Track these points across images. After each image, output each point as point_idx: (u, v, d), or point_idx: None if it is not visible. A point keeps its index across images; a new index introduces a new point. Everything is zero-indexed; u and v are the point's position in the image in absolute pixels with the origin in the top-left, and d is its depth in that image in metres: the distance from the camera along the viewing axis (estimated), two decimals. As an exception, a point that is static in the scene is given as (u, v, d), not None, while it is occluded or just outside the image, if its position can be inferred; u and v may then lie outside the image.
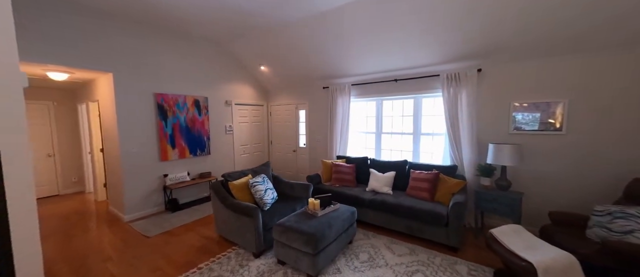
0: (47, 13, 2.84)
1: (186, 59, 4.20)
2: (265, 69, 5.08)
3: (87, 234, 3.24)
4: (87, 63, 3.18)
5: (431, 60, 3.46)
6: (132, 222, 3.55)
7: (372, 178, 3.59)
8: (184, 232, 3.22)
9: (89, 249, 2.86)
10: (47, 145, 4.87)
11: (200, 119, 4.46)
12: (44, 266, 2.43)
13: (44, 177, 4.83)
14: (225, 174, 3.03)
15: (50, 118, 4.88)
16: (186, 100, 4.23)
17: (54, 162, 4.96)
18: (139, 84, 3.65)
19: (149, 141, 3.80)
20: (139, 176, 3.71)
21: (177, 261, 2.58)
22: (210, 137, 4.65)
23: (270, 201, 2.96)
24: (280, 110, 5.73)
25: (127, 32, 3.47)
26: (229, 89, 4.97)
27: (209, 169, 4.65)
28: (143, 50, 3.66)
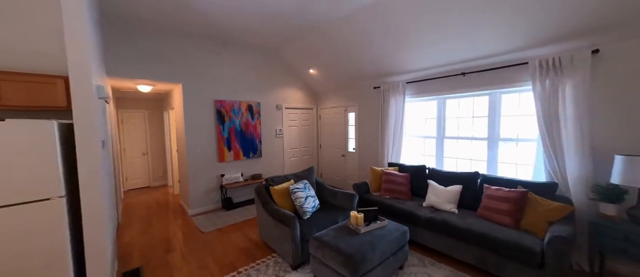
0: (136, 37, 3.42)
1: (241, 67, 4.49)
2: (314, 71, 5.01)
3: (161, 223, 3.74)
4: (163, 76, 3.70)
5: (514, 44, 2.69)
6: (194, 216, 3.94)
7: (430, 191, 3.02)
8: (232, 232, 3.36)
9: (158, 237, 3.26)
10: (143, 145, 5.99)
11: (253, 123, 4.70)
12: (124, 249, 2.83)
13: (139, 171, 5.96)
14: (268, 178, 3.02)
15: (145, 123, 6.00)
16: (241, 105, 4.51)
17: (147, 159, 6.06)
18: (202, 92, 4.06)
19: (209, 143, 4.18)
20: (201, 174, 4.12)
21: (222, 261, 2.66)
22: (261, 141, 4.85)
23: (310, 209, 2.78)
24: (330, 113, 5.58)
25: (193, 47, 3.91)
26: (279, 94, 5.11)
27: (260, 171, 4.85)
28: (206, 62, 4.06)
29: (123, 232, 3.47)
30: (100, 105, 2.20)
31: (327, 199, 3.26)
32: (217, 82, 4.21)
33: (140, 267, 2.56)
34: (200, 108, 4.06)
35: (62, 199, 1.65)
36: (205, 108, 4.11)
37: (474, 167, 3.41)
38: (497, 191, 2.55)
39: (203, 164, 4.13)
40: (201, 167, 4.12)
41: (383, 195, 3.40)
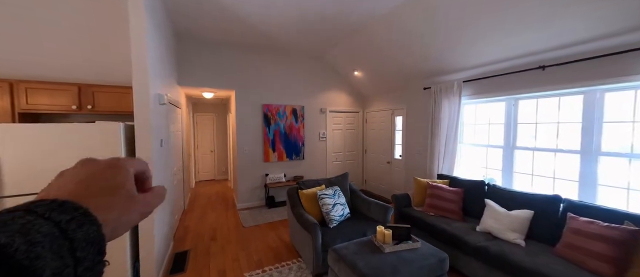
0: (200, 52, 4.01)
1: (287, 73, 4.71)
2: (360, 73, 4.83)
3: (214, 213, 4.25)
4: (220, 84, 4.21)
5: (621, 24, 1.92)
6: (240, 210, 4.33)
7: (488, 214, 2.45)
8: (269, 230, 3.53)
9: (208, 226, 3.71)
10: (211, 144, 7.00)
11: (297, 126, 4.85)
12: (182, 232, 3.30)
13: (208, 166, 6.97)
14: (300, 181, 3.04)
15: (213, 125, 6.99)
16: (286, 109, 4.73)
17: (214, 156, 7.04)
18: (251, 97, 4.44)
19: (256, 144, 4.54)
20: (248, 172, 4.50)
21: (252, 256, 2.81)
22: (304, 143, 4.96)
23: (338, 218, 2.65)
24: (376, 117, 5.27)
25: (245, 56, 4.33)
26: (323, 97, 5.13)
27: (301, 173, 4.96)
28: (255, 70, 4.43)
29: (186, 217, 4.10)
30: (162, 110, 2.64)
31: (360, 208, 3.06)
32: (264, 87, 4.54)
33: (188, 251, 2.95)
34: (250, 112, 4.45)
35: (124, 186, 2.03)
36: (253, 112, 4.48)
37: (555, 188, 2.60)
38: (588, 225, 1.87)
39: (250, 163, 4.51)
40: (249, 166, 4.49)
41: (426, 211, 2.96)
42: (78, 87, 2.19)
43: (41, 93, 2.09)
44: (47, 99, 2.11)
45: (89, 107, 2.24)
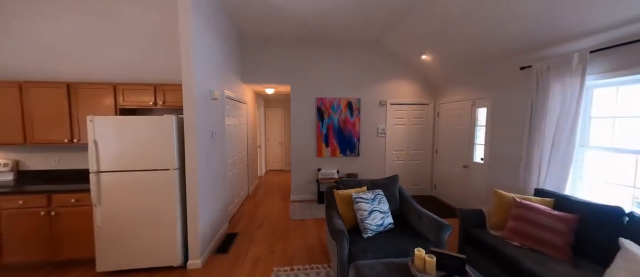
0: (261, 50, 4.28)
1: (342, 64, 4.44)
2: (428, 57, 4.01)
3: (269, 202, 4.54)
4: (278, 80, 4.39)
5: None
6: (292, 203, 4.44)
7: (624, 263, 1.49)
8: (312, 226, 3.44)
9: (260, 213, 3.97)
10: (279, 136, 7.57)
11: (352, 120, 4.53)
12: (239, 215, 3.65)
13: (276, 157, 7.59)
14: (339, 180, 2.77)
15: (281, 119, 7.53)
16: (340, 102, 4.48)
17: (281, 148, 7.60)
18: (306, 91, 4.43)
19: (309, 138, 4.52)
20: (302, 166, 4.55)
21: (287, 251, 2.77)
22: (360, 139, 4.58)
23: (375, 227, 2.24)
24: (451, 110, 4.29)
25: (299, 50, 4.34)
26: (383, 88, 4.57)
27: (356, 170, 4.62)
28: (310, 63, 4.39)
29: (247, 202, 4.55)
30: (215, 105, 2.93)
31: (409, 219, 2.51)
32: (318, 80, 4.44)
33: (237, 234, 3.21)
34: (304, 106, 4.46)
35: (176, 171, 2.35)
36: (307, 106, 4.46)
37: None
38: None
39: (304, 157, 4.54)
40: (302, 160, 4.54)
41: (508, 238, 2.12)
42: (154, 86, 2.70)
43: (131, 92, 2.69)
44: (135, 97, 2.70)
45: (161, 103, 2.72)
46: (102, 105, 2.66)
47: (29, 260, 2.38)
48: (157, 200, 2.32)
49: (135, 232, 2.31)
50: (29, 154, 2.85)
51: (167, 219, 2.35)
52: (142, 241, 2.32)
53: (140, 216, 2.31)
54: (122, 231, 2.30)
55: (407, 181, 4.79)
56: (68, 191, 2.37)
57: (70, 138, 2.64)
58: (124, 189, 2.28)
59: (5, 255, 2.33)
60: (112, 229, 2.28)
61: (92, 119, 2.21)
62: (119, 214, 2.28)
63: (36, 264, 2.44)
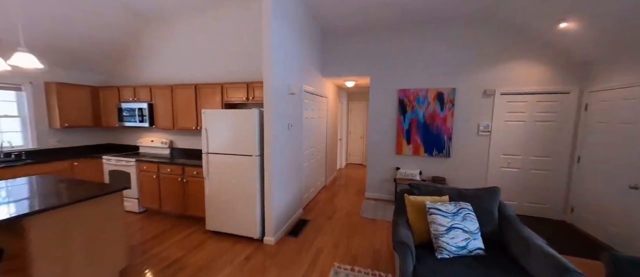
0: (342, 43, 4.26)
1: (432, 49, 3.78)
2: (572, 23, 2.80)
3: (344, 195, 4.55)
4: (358, 72, 4.26)
5: None
6: (366, 200, 4.27)
7: None
8: (381, 229, 3.19)
9: (333, 205, 4.04)
10: (362, 130, 7.43)
11: (442, 114, 3.82)
12: (313, 203, 3.91)
13: (357, 151, 7.52)
14: (414, 183, 2.40)
15: (364, 113, 7.34)
16: (428, 94, 3.86)
17: (363, 142, 7.45)
18: (386, 82, 4.08)
19: (388, 133, 4.17)
20: (378, 163, 4.28)
21: (351, 249, 2.69)
22: (452, 137, 3.82)
23: (454, 249, 1.80)
24: (613, 100, 2.87)
25: (382, 40, 4.01)
26: (491, 74, 3.58)
27: (444, 174, 3.90)
28: (392, 52, 3.98)
29: (322, 192, 4.75)
30: (292, 99, 3.15)
31: (511, 248, 1.88)
32: (401, 70, 3.98)
33: (308, 221, 3.41)
34: (383, 98, 4.13)
35: (257, 157, 2.70)
36: (387, 98, 4.11)
37: None
38: None
39: (380, 154, 4.25)
40: (378, 156, 4.26)
41: None
42: (246, 84, 3.19)
43: (232, 90, 3.29)
44: (234, 93, 3.28)
45: (252, 98, 3.19)
46: (215, 101, 3.39)
47: (172, 210, 3.39)
48: (244, 180, 2.76)
49: (230, 204, 2.85)
50: (177, 136, 4.03)
51: (251, 198, 2.76)
52: (235, 212, 2.84)
53: (233, 192, 2.82)
54: (221, 201, 2.89)
55: (521, 196, 3.62)
56: (192, 165, 3.20)
57: (196, 125, 3.52)
58: (223, 168, 2.83)
59: (162, 204, 3.43)
60: (215, 198, 2.91)
61: (204, 111, 2.85)
62: (219, 187, 2.88)
63: (175, 214, 3.45)
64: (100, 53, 3.94)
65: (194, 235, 2.95)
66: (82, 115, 3.90)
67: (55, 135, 3.82)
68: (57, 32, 3.27)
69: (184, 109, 3.56)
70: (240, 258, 2.48)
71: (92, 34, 3.54)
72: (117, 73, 4.32)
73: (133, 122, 3.82)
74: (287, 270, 2.31)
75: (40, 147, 3.65)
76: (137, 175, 3.51)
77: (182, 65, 3.85)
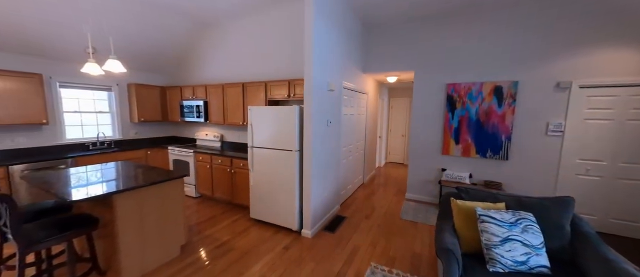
0: (384, 36, 4.10)
1: (487, 39, 3.36)
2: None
3: (383, 194, 4.41)
4: (401, 66, 4.04)
5: None
6: (407, 201, 4.06)
7: None
8: (423, 232, 3.00)
9: (371, 203, 3.95)
10: (403, 128, 7.07)
11: (500, 111, 3.39)
12: (350, 200, 3.91)
13: (397, 149, 7.18)
14: (462, 187, 2.20)
15: (406, 110, 6.95)
16: (482, 88, 3.46)
17: (404, 140, 7.08)
18: (433, 76, 3.78)
19: (433, 131, 3.87)
20: (420, 162, 4.02)
21: (389, 251, 2.60)
22: (511, 137, 3.36)
23: (511, 263, 1.60)
24: None
25: (427, 30, 3.72)
26: (565, 63, 3.02)
27: (501, 178, 3.47)
28: (439, 43, 3.67)
29: (360, 190, 4.68)
30: (331, 96, 3.16)
31: (587, 270, 1.59)
32: (451, 62, 3.64)
33: (345, 217, 3.41)
34: (429, 94, 3.85)
35: (297, 152, 2.80)
36: (434, 93, 3.81)
37: None
38: None
39: (424, 153, 3.98)
40: (422, 156, 4.00)
41: None
42: (288, 82, 3.31)
43: (275, 87, 3.46)
44: (277, 91, 3.44)
45: (293, 95, 3.31)
46: (259, 98, 3.61)
47: (222, 197, 3.76)
48: (285, 174, 2.90)
49: (272, 196, 3.03)
50: (226, 131, 4.43)
51: (290, 191, 2.89)
52: (276, 203, 3.01)
53: (275, 184, 2.99)
54: (264, 192, 3.08)
55: (604, 210, 3.01)
56: (238, 158, 3.48)
57: (243, 121, 3.81)
58: (266, 161, 3.02)
59: (214, 191, 3.82)
60: (258, 189, 3.12)
61: (250, 108, 3.07)
62: (263, 179, 3.07)
63: (224, 201, 3.81)
64: (166, 57, 4.55)
65: (239, 221, 3.22)
66: (154, 111, 4.57)
67: (133, 128, 4.57)
68: (132, 41, 3.89)
69: (233, 106, 3.88)
70: (280, 247, 2.62)
71: (159, 41, 4.11)
72: (179, 74, 4.93)
73: (191, 118, 4.33)
74: (323, 263, 2.36)
75: (123, 138, 4.41)
76: (195, 164, 3.98)
77: (231, 65, 4.19)
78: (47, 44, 3.29)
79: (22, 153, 3.32)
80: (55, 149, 3.61)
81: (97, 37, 3.47)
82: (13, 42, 3.07)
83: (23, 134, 3.34)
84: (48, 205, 2.10)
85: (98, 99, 4.14)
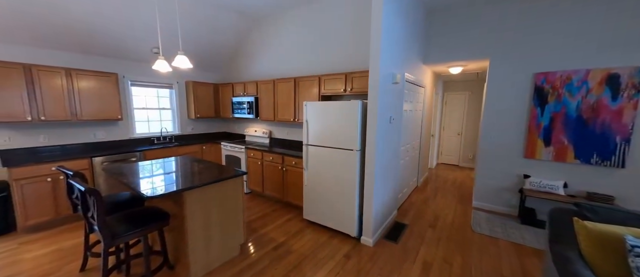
0: (448, 23, 3.58)
1: (593, 12, 2.64)
2: None
3: (443, 200, 3.92)
4: (470, 55, 3.50)
5: None
6: (476, 210, 3.52)
7: None
8: (506, 251, 2.51)
9: (432, 210, 3.52)
10: (459, 126, 6.32)
11: (614, 106, 2.67)
12: (407, 205, 3.54)
13: (452, 149, 6.46)
14: (584, 203, 1.70)
15: (464, 105, 6.18)
16: (588, 76, 2.76)
17: (460, 139, 6.33)
18: (515, 63, 3.17)
19: (512, 129, 3.26)
20: (494, 166, 3.44)
21: (470, 271, 2.20)
22: (630, 139, 2.62)
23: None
24: None
25: (508, 9, 3.11)
26: None
27: (613, 191, 2.75)
28: (524, 24, 3.03)
29: (415, 193, 4.25)
30: (394, 90, 2.82)
31: None
32: (541, 46, 2.99)
33: (406, 225, 3.06)
34: (508, 85, 3.25)
35: (357, 152, 2.54)
36: (515, 85, 3.20)
37: None
38: None
39: (499, 155, 3.39)
40: (495, 159, 3.42)
41: None
42: (345, 75, 3.06)
43: (329, 81, 3.24)
44: (331, 85, 3.22)
45: (349, 89, 3.05)
46: (312, 94, 3.43)
47: (272, 195, 3.70)
48: (343, 175, 2.67)
49: (328, 197, 2.83)
50: (275, 127, 4.38)
51: (349, 194, 2.65)
52: (332, 206, 2.80)
53: (331, 185, 2.78)
54: (319, 193, 2.90)
55: None
56: (290, 155, 3.36)
57: (293, 117, 3.68)
58: (322, 160, 2.82)
59: (265, 188, 3.79)
60: (313, 190, 2.95)
61: (306, 103, 2.89)
62: (318, 179, 2.89)
63: (275, 198, 3.75)
64: (219, 55, 4.66)
65: (292, 222, 3.10)
66: (208, 108, 4.75)
67: (190, 124, 4.80)
68: (189, 40, 4.02)
69: (283, 102, 3.78)
70: (340, 255, 2.41)
71: (211, 38, 4.19)
72: (231, 71, 5.04)
73: (241, 114, 4.37)
74: (393, 280, 2.07)
75: (181, 133, 4.67)
76: (246, 160, 4.00)
77: (283, 59, 4.10)
78: (121, 45, 3.55)
79: (102, 146, 3.67)
80: (127, 143, 3.94)
81: (161, 37, 3.65)
82: (94, 44, 3.36)
83: (102, 129, 3.69)
84: (124, 197, 2.19)
85: (161, 96, 4.42)
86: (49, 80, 2.97)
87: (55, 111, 3.05)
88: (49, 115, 3.00)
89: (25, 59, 3.00)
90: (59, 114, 3.07)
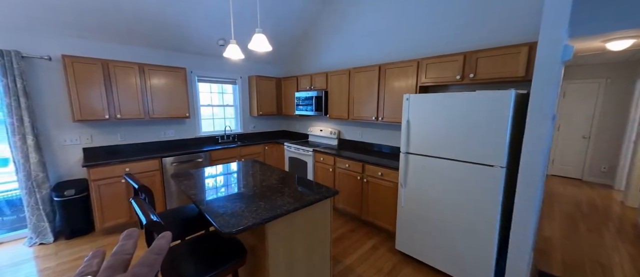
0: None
1: None
2: None
3: (594, 235, 2.69)
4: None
5: None
6: (672, 261, 2.24)
7: None
8: None
9: (589, 253, 2.37)
10: (585, 126, 4.66)
11: None
12: (541, 244, 2.47)
13: (570, 157, 4.83)
14: None
15: (597, 97, 4.51)
16: None
17: (587, 144, 4.66)
18: None
19: None
20: None
21: None
22: None
23: None
24: None
25: None
26: None
27: None
28: None
29: (542, 221, 3.08)
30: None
31: None
32: None
33: (558, 277, 2.04)
34: None
35: (502, 170, 1.66)
36: None
37: None
38: None
39: None
40: None
41: None
42: (464, 55, 2.16)
43: (434, 67, 2.38)
44: (436, 72, 2.36)
45: (471, 76, 2.14)
46: (406, 84, 2.62)
47: (348, 210, 3.04)
48: (472, 200, 1.82)
49: (441, 228, 2.02)
50: (345, 127, 3.70)
51: (481, 228, 1.79)
52: (448, 242, 1.99)
53: (447, 213, 1.96)
54: (424, 220, 2.11)
55: None
56: (373, 164, 2.63)
57: (376, 116, 2.94)
58: (433, 176, 2.02)
59: (337, 201, 3.16)
60: (414, 214, 2.17)
61: (409, 97, 2.11)
62: (423, 201, 2.10)
63: (351, 214, 3.08)
64: (283, 44, 4.19)
65: (380, 251, 2.39)
66: (270, 105, 4.36)
67: (252, 122, 4.50)
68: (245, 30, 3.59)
69: (361, 96, 3.06)
70: (476, 325, 1.59)
71: (275, 24, 3.69)
72: (295, 62, 4.54)
73: (306, 111, 3.82)
74: None
75: (244, 132, 4.39)
76: (313, 165, 3.43)
77: (360, 44, 3.37)
78: (187, 36, 3.32)
79: (171, 145, 3.55)
80: (194, 142, 3.77)
81: (224, 29, 3.30)
82: (161, 37, 3.17)
83: (172, 127, 3.57)
84: (192, 213, 1.79)
85: (225, 93, 4.19)
86: (124, 77, 2.86)
87: (130, 109, 2.94)
88: (124, 114, 2.90)
89: (98, 54, 2.92)
90: (133, 112, 2.96)
